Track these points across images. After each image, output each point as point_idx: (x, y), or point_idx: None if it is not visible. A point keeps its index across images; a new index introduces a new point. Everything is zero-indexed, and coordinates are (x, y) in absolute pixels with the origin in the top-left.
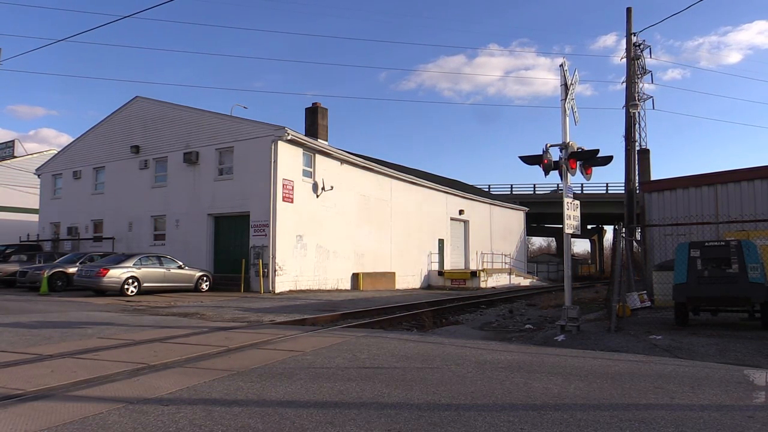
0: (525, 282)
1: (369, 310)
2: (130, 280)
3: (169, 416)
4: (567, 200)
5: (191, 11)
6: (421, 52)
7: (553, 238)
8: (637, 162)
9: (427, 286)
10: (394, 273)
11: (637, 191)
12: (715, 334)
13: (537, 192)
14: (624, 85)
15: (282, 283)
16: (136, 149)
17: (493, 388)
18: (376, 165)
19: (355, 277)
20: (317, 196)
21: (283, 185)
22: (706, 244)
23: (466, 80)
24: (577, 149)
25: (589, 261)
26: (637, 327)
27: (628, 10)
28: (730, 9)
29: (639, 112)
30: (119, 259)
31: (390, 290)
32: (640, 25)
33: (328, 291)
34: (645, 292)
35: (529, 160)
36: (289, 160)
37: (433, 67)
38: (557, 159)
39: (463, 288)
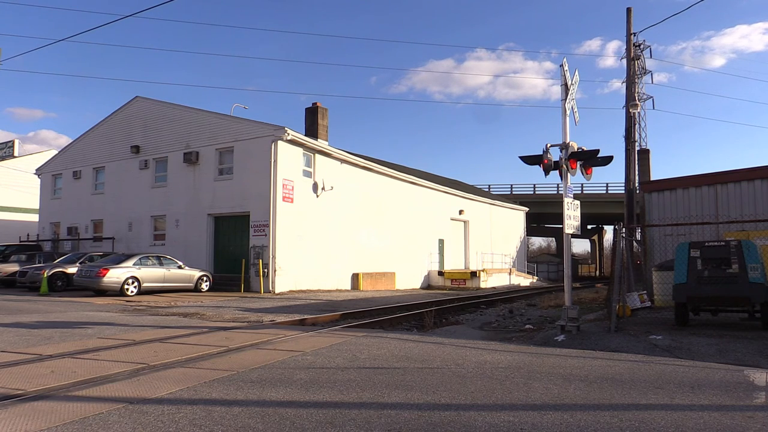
0: (525, 282)
1: (369, 310)
2: (130, 280)
3: (169, 416)
4: (567, 200)
5: (191, 11)
6: (410, 56)
7: (553, 238)
8: (637, 162)
9: (427, 286)
10: (394, 273)
11: (637, 191)
12: (715, 334)
13: (537, 192)
14: (624, 84)
15: (282, 283)
16: (136, 149)
17: (493, 388)
18: (376, 165)
19: (355, 277)
20: (317, 196)
21: (283, 185)
22: (706, 244)
23: (457, 84)
24: (578, 149)
25: (589, 261)
26: (637, 327)
27: (628, 10)
28: (713, 14)
29: (639, 112)
30: (119, 259)
31: (390, 290)
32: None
33: (328, 291)
34: (645, 292)
35: (529, 160)
36: (289, 160)
37: (422, 71)
38: (557, 159)
39: (463, 288)
